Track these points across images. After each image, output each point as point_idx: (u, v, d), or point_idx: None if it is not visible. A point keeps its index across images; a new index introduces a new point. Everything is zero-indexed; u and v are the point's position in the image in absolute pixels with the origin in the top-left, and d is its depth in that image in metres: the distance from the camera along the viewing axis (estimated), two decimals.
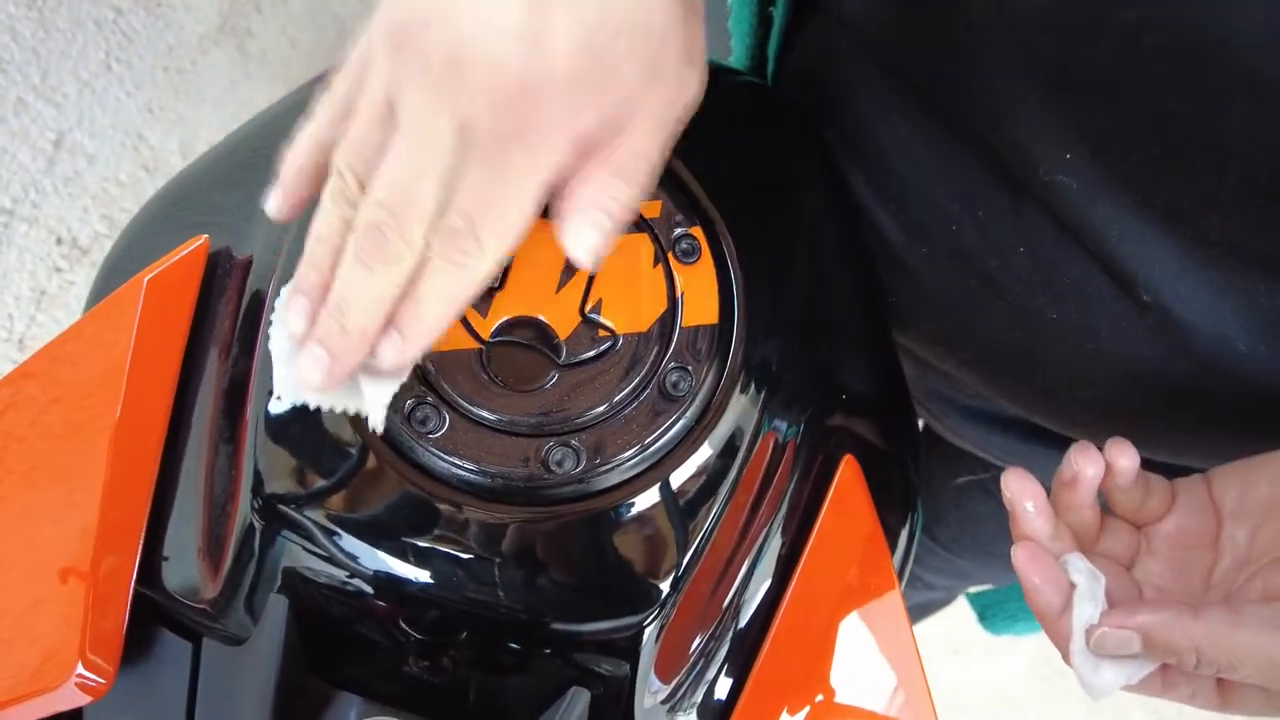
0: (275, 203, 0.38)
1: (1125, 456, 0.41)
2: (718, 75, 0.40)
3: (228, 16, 1.44)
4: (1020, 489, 0.42)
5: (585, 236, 0.36)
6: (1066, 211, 0.41)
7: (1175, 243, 0.39)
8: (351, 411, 0.38)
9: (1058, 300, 0.44)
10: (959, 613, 1.25)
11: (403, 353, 0.36)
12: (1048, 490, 0.43)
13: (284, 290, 0.37)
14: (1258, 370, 0.42)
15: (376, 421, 0.37)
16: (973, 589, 0.96)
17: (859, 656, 0.48)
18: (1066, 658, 0.41)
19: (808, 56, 0.55)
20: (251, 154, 0.49)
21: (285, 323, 0.37)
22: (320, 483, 0.41)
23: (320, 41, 1.50)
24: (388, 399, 0.37)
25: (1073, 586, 0.41)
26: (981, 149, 0.43)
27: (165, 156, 1.38)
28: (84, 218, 1.32)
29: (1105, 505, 0.44)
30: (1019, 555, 0.41)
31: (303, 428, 0.41)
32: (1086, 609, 0.40)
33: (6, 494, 0.44)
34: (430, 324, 0.36)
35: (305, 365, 0.35)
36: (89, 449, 0.42)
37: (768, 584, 0.46)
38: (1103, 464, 0.41)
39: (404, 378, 0.38)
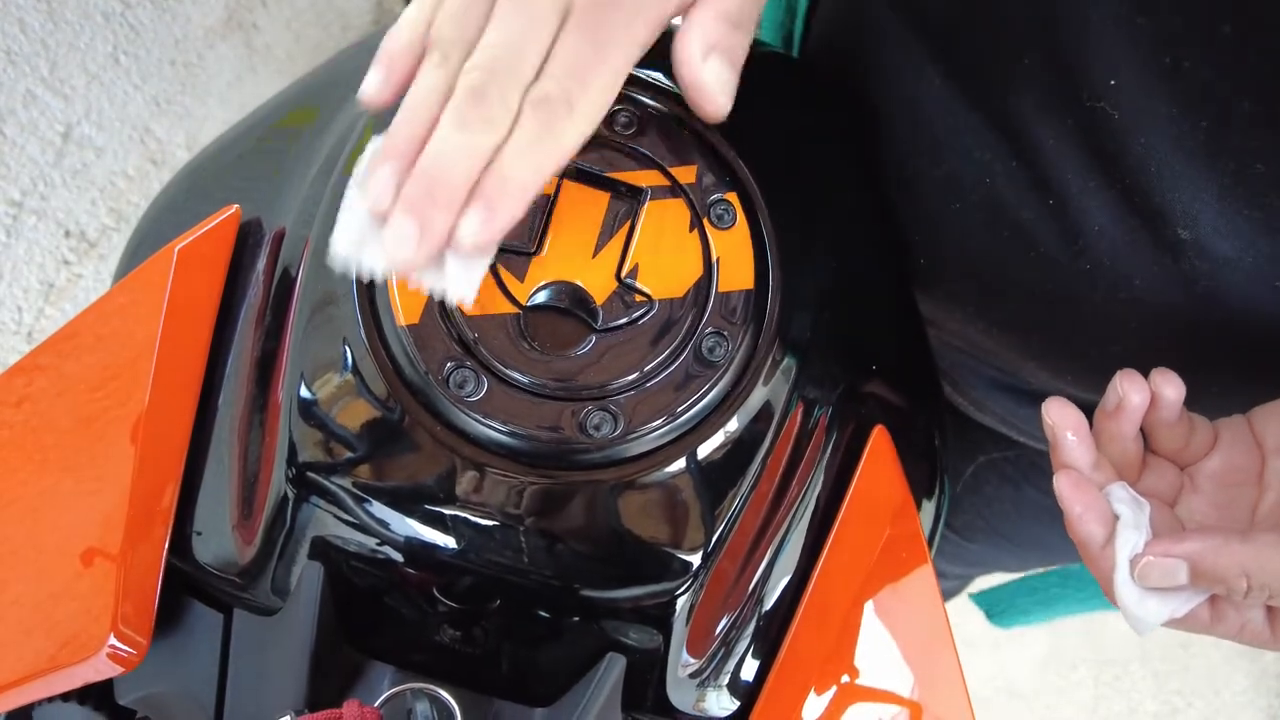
0: (377, 80, 0.37)
1: (1171, 386, 0.40)
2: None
3: (234, 10, 1.44)
4: (1061, 417, 0.42)
5: (715, 74, 0.38)
6: (1104, 144, 0.40)
7: (1216, 177, 0.39)
8: (427, 289, 0.37)
9: (1089, 249, 0.43)
10: (967, 605, 1.25)
11: (489, 225, 0.35)
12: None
13: (366, 152, 0.37)
14: None
15: (463, 295, 0.36)
16: (976, 589, 0.95)
17: (890, 633, 0.48)
18: (1109, 592, 0.40)
19: (835, 22, 0.55)
20: (280, 126, 0.49)
21: (362, 187, 0.36)
22: (355, 450, 0.41)
23: (325, 36, 1.50)
24: (477, 278, 0.37)
25: (1116, 518, 0.40)
26: (1020, 84, 0.43)
27: (172, 150, 1.38)
28: (92, 210, 1.32)
29: (1147, 446, 0.43)
30: (1060, 483, 0.41)
31: (338, 395, 0.41)
32: (1131, 538, 0.39)
33: (36, 472, 0.43)
34: (517, 194, 0.35)
35: (392, 237, 0.35)
36: (120, 418, 0.42)
37: (799, 555, 0.46)
38: (1149, 391, 0.40)
39: (489, 259, 0.37)
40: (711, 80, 0.38)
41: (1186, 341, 0.44)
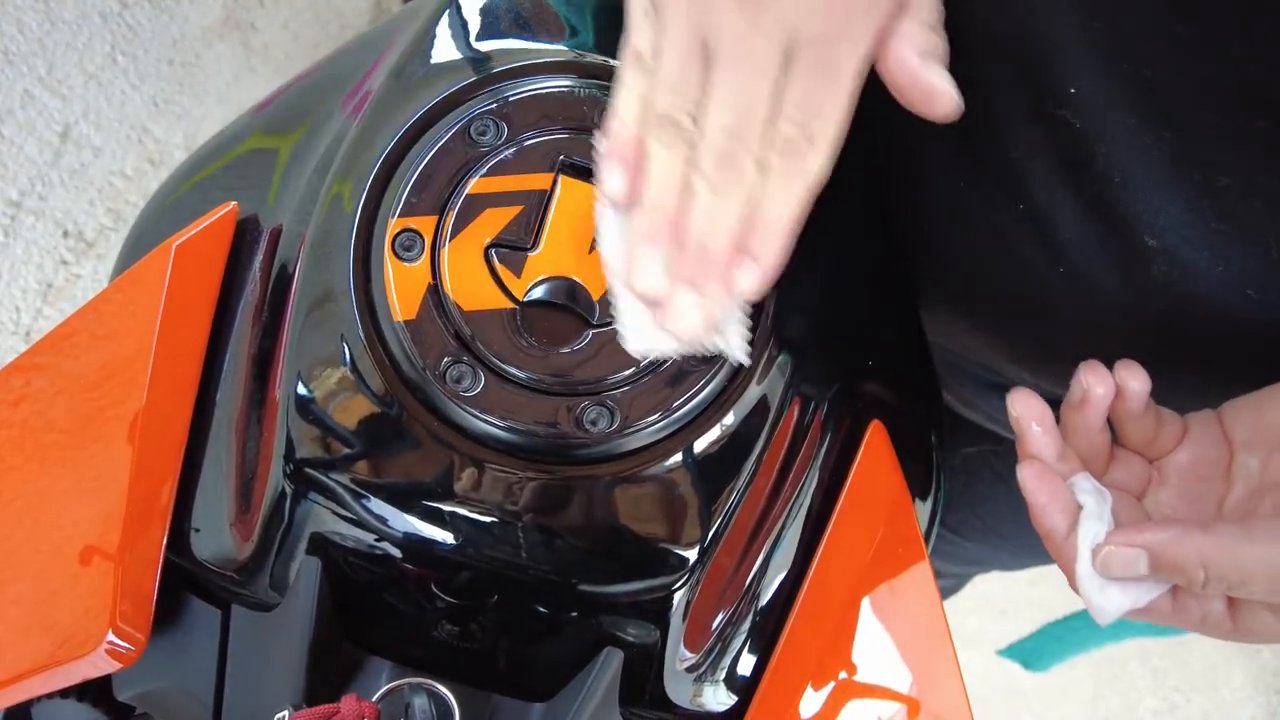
0: (617, 176, 0.37)
1: (1135, 379, 0.40)
2: None
3: (231, 10, 1.44)
4: (1026, 408, 0.42)
5: (939, 75, 0.38)
6: (1070, 153, 0.41)
7: (1182, 189, 0.39)
8: (716, 350, 0.39)
9: (1063, 254, 0.44)
10: (966, 604, 1.26)
11: (763, 276, 0.37)
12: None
13: (603, 228, 0.38)
14: (1266, 316, 0.41)
15: (744, 355, 0.39)
16: (1004, 645, 0.95)
17: (887, 629, 0.48)
18: (1072, 581, 0.40)
19: None
20: (278, 123, 0.49)
21: (626, 283, 0.38)
22: (353, 446, 0.41)
23: (323, 36, 1.50)
24: (746, 331, 0.39)
25: (1079, 508, 0.40)
26: (989, 91, 0.43)
27: (170, 150, 1.38)
28: (90, 211, 1.32)
29: (1116, 440, 0.43)
30: (1025, 473, 0.41)
31: (335, 391, 0.41)
32: (1093, 528, 0.39)
33: (35, 470, 0.44)
34: (782, 238, 0.37)
35: (680, 316, 0.36)
36: (118, 415, 0.42)
37: (796, 550, 0.46)
38: (1113, 384, 0.41)
39: (747, 308, 0.39)
40: (938, 81, 0.38)
41: (1162, 347, 0.44)
